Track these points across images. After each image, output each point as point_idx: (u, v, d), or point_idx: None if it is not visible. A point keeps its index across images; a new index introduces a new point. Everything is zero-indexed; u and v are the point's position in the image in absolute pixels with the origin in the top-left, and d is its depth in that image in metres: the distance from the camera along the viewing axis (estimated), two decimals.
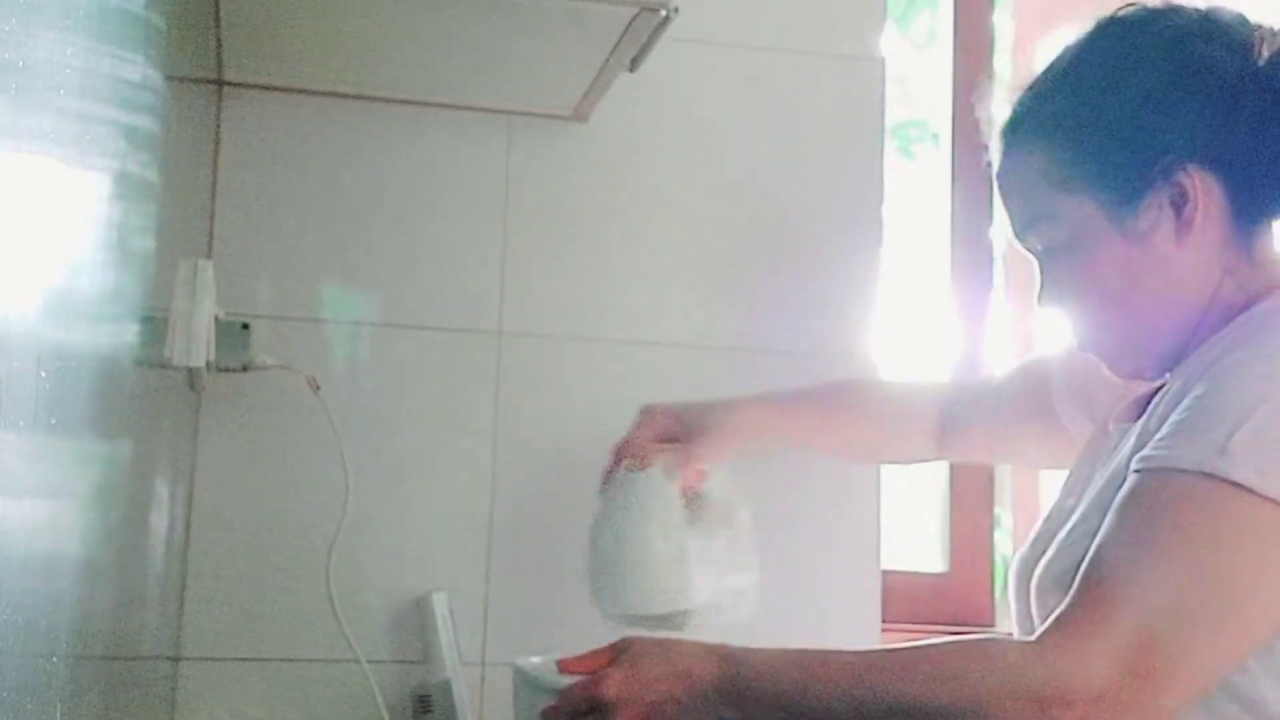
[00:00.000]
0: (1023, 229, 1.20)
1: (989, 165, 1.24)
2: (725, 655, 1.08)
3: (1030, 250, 1.21)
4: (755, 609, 1.37)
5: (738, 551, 1.37)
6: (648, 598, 1.32)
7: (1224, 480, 0.98)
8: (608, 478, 1.36)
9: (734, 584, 1.36)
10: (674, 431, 1.37)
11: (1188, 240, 1.12)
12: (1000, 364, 1.85)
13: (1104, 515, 1.04)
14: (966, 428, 1.45)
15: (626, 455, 1.35)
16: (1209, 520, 0.99)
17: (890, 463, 1.62)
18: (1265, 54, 1.12)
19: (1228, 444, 0.98)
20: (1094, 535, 1.04)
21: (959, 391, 1.49)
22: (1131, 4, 1.18)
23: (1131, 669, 0.96)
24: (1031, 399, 1.38)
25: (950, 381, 1.53)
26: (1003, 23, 1.94)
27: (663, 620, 1.32)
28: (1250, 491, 0.97)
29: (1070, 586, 1.02)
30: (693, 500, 1.36)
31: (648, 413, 1.39)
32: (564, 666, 1.14)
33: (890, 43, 1.78)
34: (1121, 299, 1.14)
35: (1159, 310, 1.14)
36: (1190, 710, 1.01)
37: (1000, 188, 1.22)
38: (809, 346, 1.66)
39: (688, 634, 1.29)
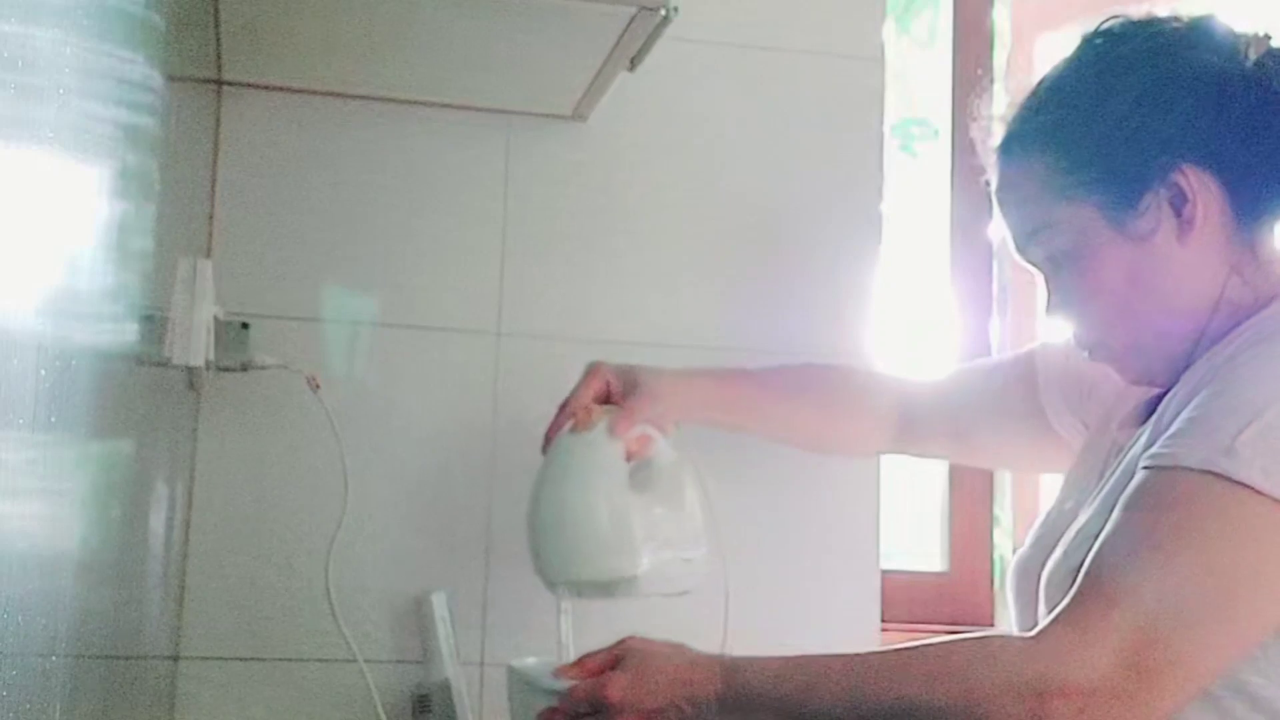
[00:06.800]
0: (1024, 241, 1.20)
1: (986, 183, 1.25)
2: (727, 664, 1.09)
3: (1032, 263, 1.21)
4: (704, 580, 1.36)
5: (686, 521, 1.35)
6: (590, 563, 1.30)
7: (1229, 479, 0.98)
8: (550, 437, 1.36)
9: (682, 554, 1.34)
10: (616, 390, 1.37)
11: (1190, 239, 1.12)
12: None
13: None
14: (929, 427, 1.45)
15: (570, 415, 1.34)
16: (1213, 519, 0.99)
17: (840, 454, 1.58)
18: (1253, 56, 1.13)
19: (1234, 444, 0.98)
20: None
21: (927, 390, 1.47)
22: (1116, 16, 1.19)
23: (1130, 664, 0.96)
24: (1017, 398, 1.38)
25: (919, 378, 1.51)
26: (1002, 21, 1.94)
27: (605, 587, 1.31)
28: (1255, 491, 0.97)
29: None
30: (640, 467, 1.34)
31: (593, 371, 1.38)
32: (562, 672, 1.14)
33: (890, 41, 1.78)
34: (1129, 301, 1.15)
35: (1167, 311, 1.14)
36: (1198, 708, 1.01)
37: (999, 203, 1.22)
38: (809, 346, 1.66)
39: (631, 600, 1.30)
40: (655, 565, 1.31)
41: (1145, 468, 1.03)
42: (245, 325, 1.47)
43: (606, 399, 1.36)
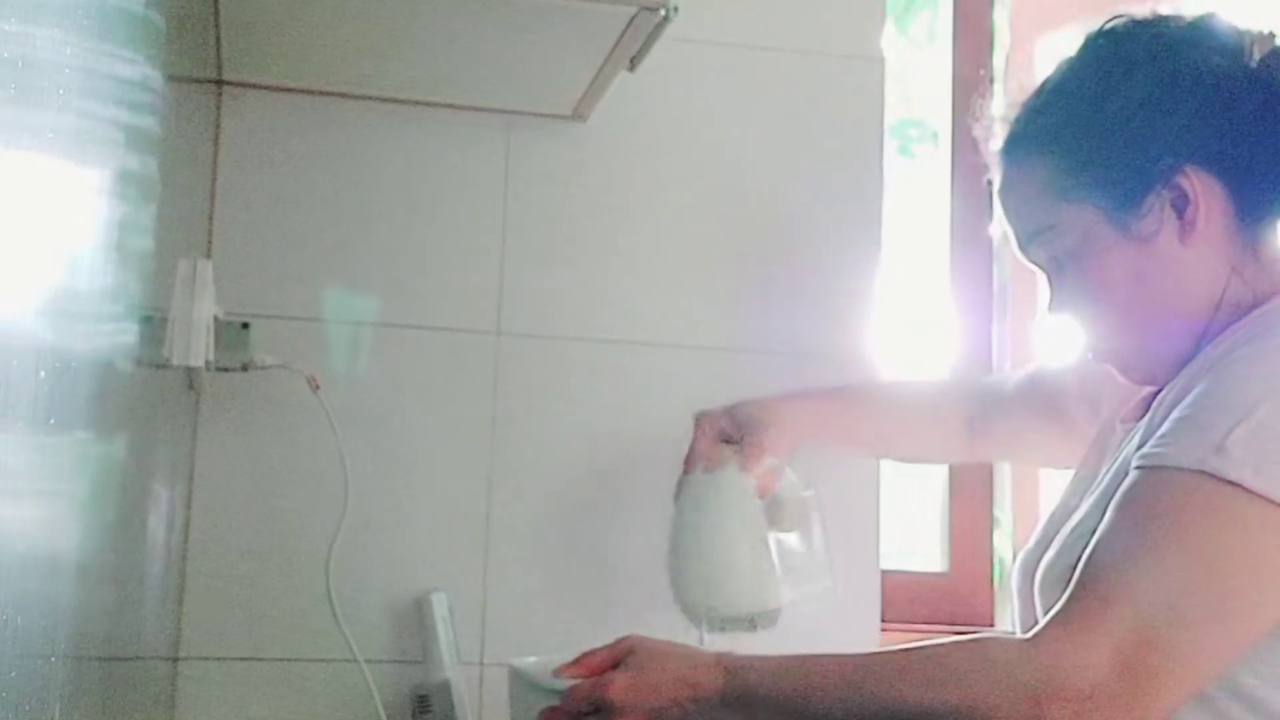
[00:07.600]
0: (1026, 242, 1.20)
1: (989, 182, 1.25)
2: (729, 663, 1.09)
3: (1035, 263, 1.21)
4: (832, 608, 1.38)
5: (816, 550, 1.37)
6: (736, 598, 1.31)
7: (1220, 479, 0.98)
8: (681, 485, 1.36)
9: (815, 583, 1.36)
10: (731, 430, 1.38)
11: (1192, 240, 1.12)
12: (1005, 365, 1.85)
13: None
14: (993, 428, 1.47)
15: (697, 459, 1.35)
16: (1205, 519, 0.99)
17: (924, 461, 1.64)
18: (1256, 55, 1.13)
19: (1225, 442, 0.98)
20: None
21: (983, 392, 1.50)
22: (1118, 16, 1.19)
23: (1126, 666, 0.96)
24: (1047, 406, 1.39)
25: (971, 381, 1.54)
26: (1002, 21, 1.94)
27: (751, 620, 1.32)
28: (1246, 490, 0.97)
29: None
30: (769, 501, 1.35)
31: (703, 417, 1.39)
32: (562, 671, 1.14)
33: (890, 42, 1.78)
34: (1131, 303, 1.15)
35: (1169, 312, 1.14)
36: (1194, 710, 1.01)
37: (1002, 204, 1.22)
38: (809, 346, 1.66)
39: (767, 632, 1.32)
40: (795, 597, 1.32)
41: (1137, 467, 1.03)
42: (245, 325, 1.47)
43: (723, 440, 1.37)
